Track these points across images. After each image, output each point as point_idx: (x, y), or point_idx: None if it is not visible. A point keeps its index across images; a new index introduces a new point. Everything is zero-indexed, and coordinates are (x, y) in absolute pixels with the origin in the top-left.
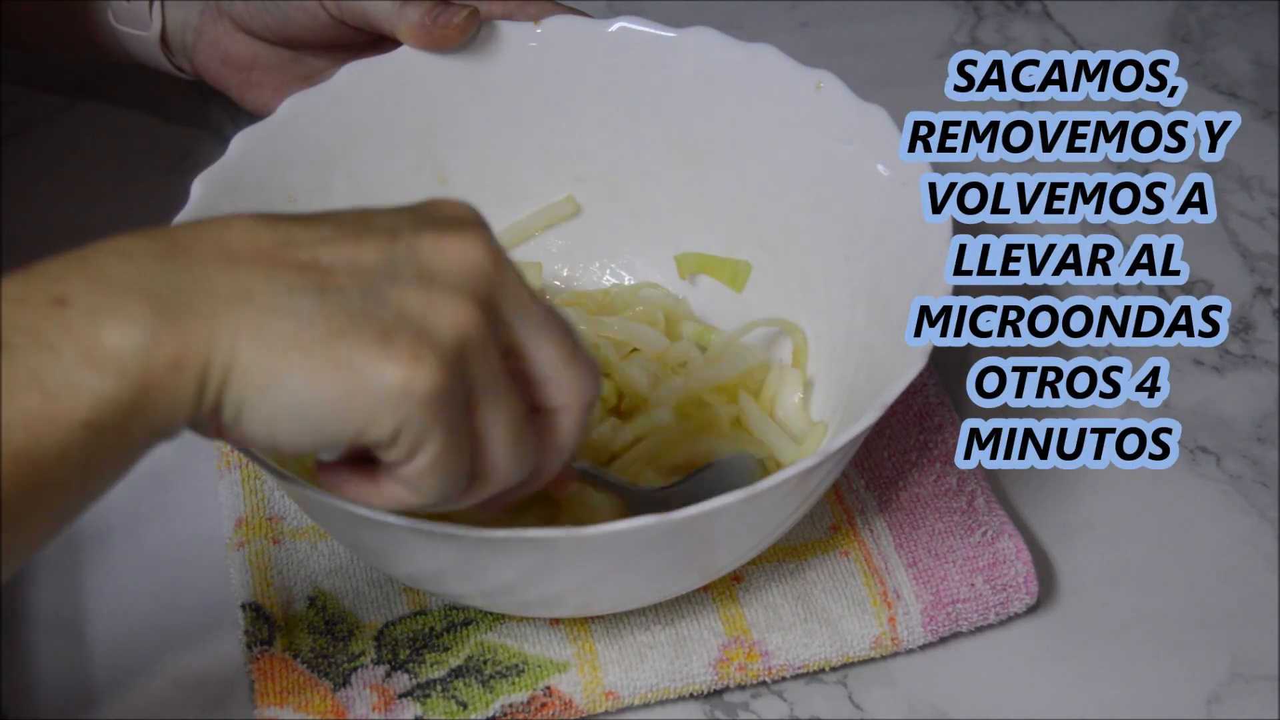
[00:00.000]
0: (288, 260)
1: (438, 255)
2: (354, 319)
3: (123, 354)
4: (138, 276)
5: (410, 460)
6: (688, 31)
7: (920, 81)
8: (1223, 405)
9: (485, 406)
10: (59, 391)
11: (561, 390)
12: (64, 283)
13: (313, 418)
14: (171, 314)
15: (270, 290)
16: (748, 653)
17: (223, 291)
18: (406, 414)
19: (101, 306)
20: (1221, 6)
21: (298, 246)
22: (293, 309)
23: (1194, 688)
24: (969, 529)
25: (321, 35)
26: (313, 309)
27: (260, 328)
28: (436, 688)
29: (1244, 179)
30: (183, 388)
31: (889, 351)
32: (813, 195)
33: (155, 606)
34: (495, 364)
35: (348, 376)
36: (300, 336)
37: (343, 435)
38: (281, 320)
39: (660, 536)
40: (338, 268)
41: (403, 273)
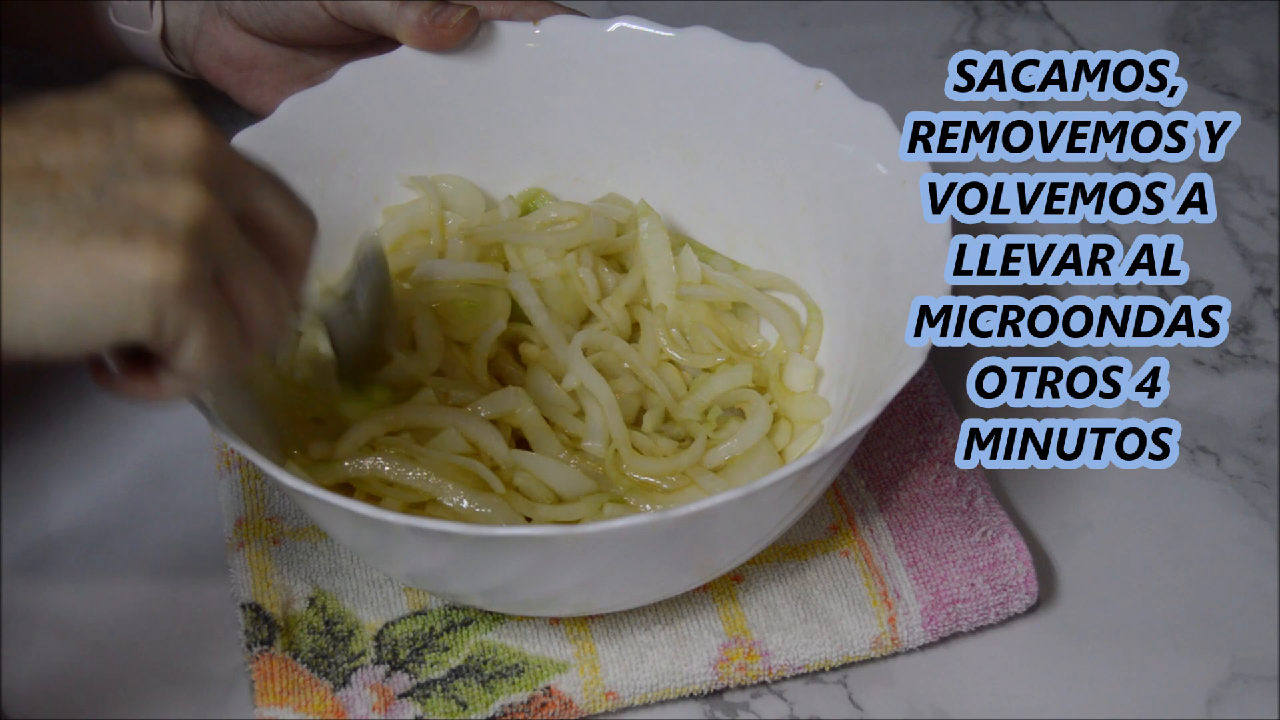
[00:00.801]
0: (12, 169)
1: (157, 141)
2: (93, 220)
3: None
4: None
5: (179, 347)
6: (687, 31)
7: (920, 81)
8: (1223, 405)
9: (237, 277)
10: None
11: (293, 236)
12: None
13: (71, 321)
14: None
15: (4, 204)
16: (748, 653)
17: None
18: (163, 305)
19: None
20: (1221, 6)
21: (17, 151)
22: (31, 218)
23: (1194, 688)
24: (969, 529)
25: (321, 35)
26: (50, 215)
27: (2, 242)
28: (436, 688)
29: (1244, 179)
30: None
31: (889, 351)
32: (812, 195)
33: (155, 606)
34: (234, 235)
35: (99, 276)
36: (45, 244)
37: (104, 334)
38: (23, 231)
39: (659, 535)
40: (63, 170)
41: (128, 165)
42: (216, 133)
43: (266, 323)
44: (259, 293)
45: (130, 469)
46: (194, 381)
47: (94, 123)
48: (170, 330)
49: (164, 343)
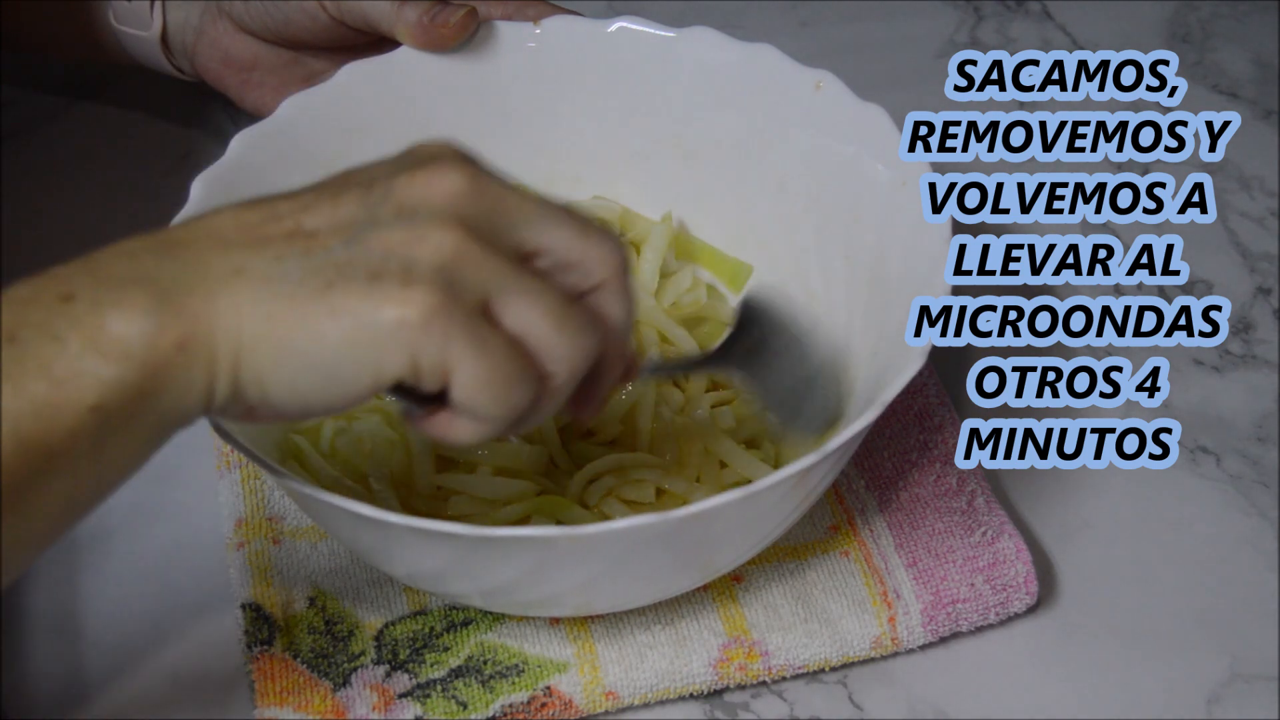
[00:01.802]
0: (273, 233)
1: (412, 192)
2: (341, 269)
3: (127, 340)
4: (138, 270)
5: (454, 385)
6: (687, 31)
7: (920, 81)
8: (1223, 405)
9: (509, 303)
10: (66, 378)
11: (590, 269)
12: (70, 282)
13: (328, 372)
14: (172, 300)
15: (259, 262)
16: (748, 653)
17: (216, 272)
18: (413, 342)
19: (105, 299)
20: (1221, 6)
21: (281, 218)
22: (283, 274)
23: (1194, 688)
24: (969, 529)
25: (321, 36)
26: (302, 270)
27: (256, 298)
28: (436, 688)
29: (1244, 179)
30: (191, 369)
31: (889, 351)
32: (813, 195)
33: (155, 606)
34: (500, 265)
35: (345, 321)
36: (295, 298)
37: (361, 380)
38: (275, 287)
39: (660, 535)
40: (320, 229)
41: (381, 217)
42: (481, 174)
43: (561, 355)
44: (544, 319)
45: None
46: (486, 422)
47: (358, 184)
48: (428, 366)
49: (429, 381)
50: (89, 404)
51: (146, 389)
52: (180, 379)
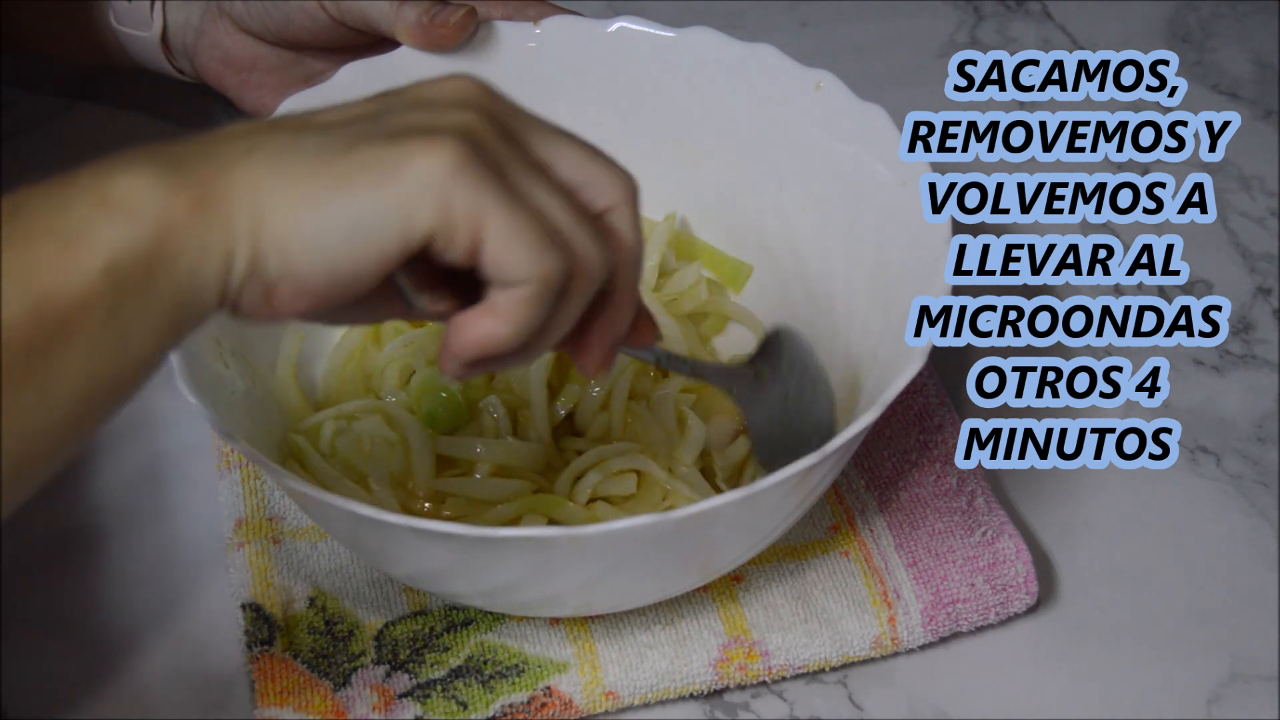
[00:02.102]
0: (287, 122)
1: (428, 90)
2: (362, 133)
3: (133, 200)
4: (143, 152)
5: (487, 240)
6: (687, 31)
7: (920, 81)
8: (1223, 405)
9: (526, 183)
10: (74, 238)
11: (601, 189)
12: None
13: (360, 228)
14: (181, 169)
15: (273, 141)
16: (748, 653)
17: (228, 152)
18: (444, 189)
19: (110, 168)
20: (1221, 6)
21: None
22: (299, 146)
23: (1194, 688)
24: (969, 529)
25: (321, 36)
26: (317, 143)
27: (271, 168)
28: (436, 688)
29: (1244, 179)
30: (207, 233)
31: (889, 351)
32: (813, 195)
33: (155, 606)
34: (515, 149)
35: (372, 172)
36: (316, 160)
37: (392, 234)
38: (291, 156)
39: (660, 536)
40: (334, 115)
41: (396, 107)
42: (497, 91)
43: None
44: (561, 206)
45: (130, 469)
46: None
47: (371, 97)
48: (462, 215)
49: (461, 240)
50: (100, 265)
51: (160, 252)
52: (195, 243)
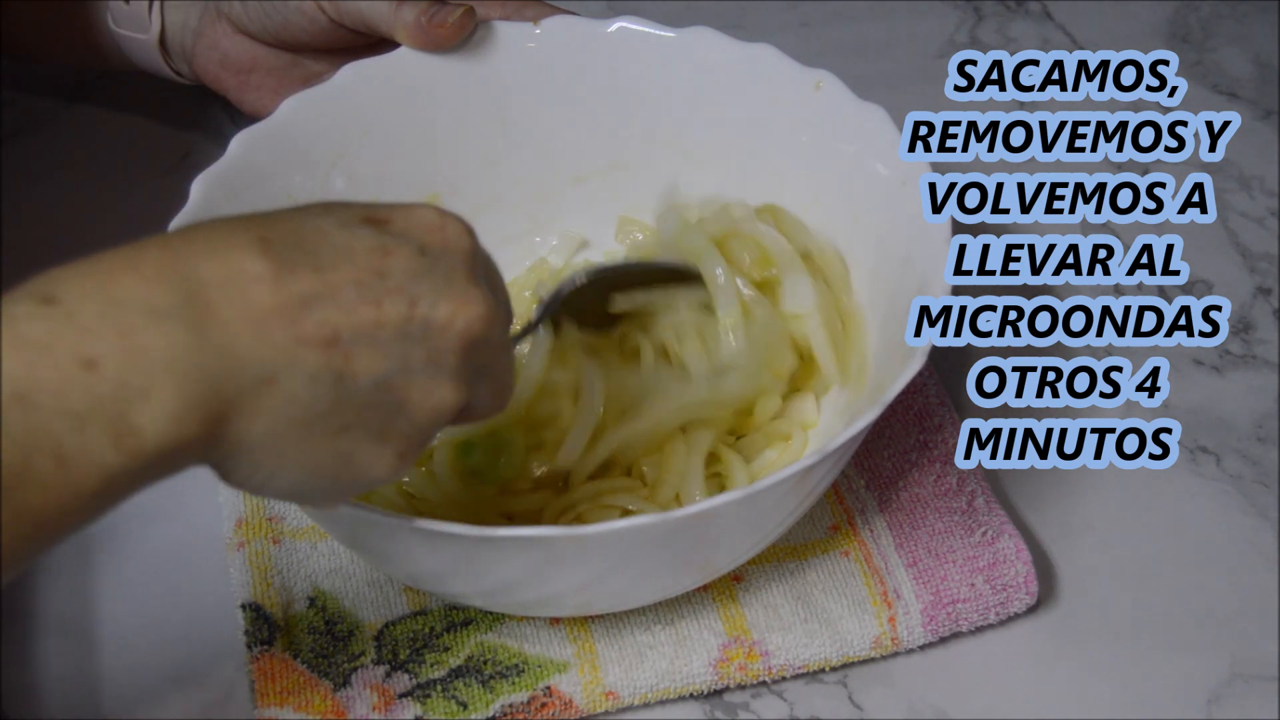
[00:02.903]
0: (310, 335)
1: (448, 333)
2: (360, 413)
3: (146, 439)
4: (169, 349)
5: None
6: (687, 31)
7: (920, 81)
8: (1223, 405)
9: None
10: (74, 459)
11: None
12: (93, 337)
13: (301, 489)
14: (199, 401)
15: (293, 376)
16: (748, 653)
17: (249, 373)
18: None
19: (132, 381)
20: (1221, 6)
21: (317, 308)
22: (310, 401)
23: (1194, 688)
24: (969, 529)
25: (320, 38)
26: (327, 403)
27: (275, 413)
28: (436, 688)
29: (1244, 179)
30: (190, 457)
31: (888, 351)
32: (813, 195)
33: (156, 606)
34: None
35: (342, 468)
36: (311, 430)
37: (322, 504)
38: (299, 411)
39: (660, 535)
40: (357, 349)
41: (413, 360)
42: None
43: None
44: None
45: None
46: None
47: (398, 290)
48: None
49: None
50: (93, 489)
51: (151, 473)
52: (180, 465)
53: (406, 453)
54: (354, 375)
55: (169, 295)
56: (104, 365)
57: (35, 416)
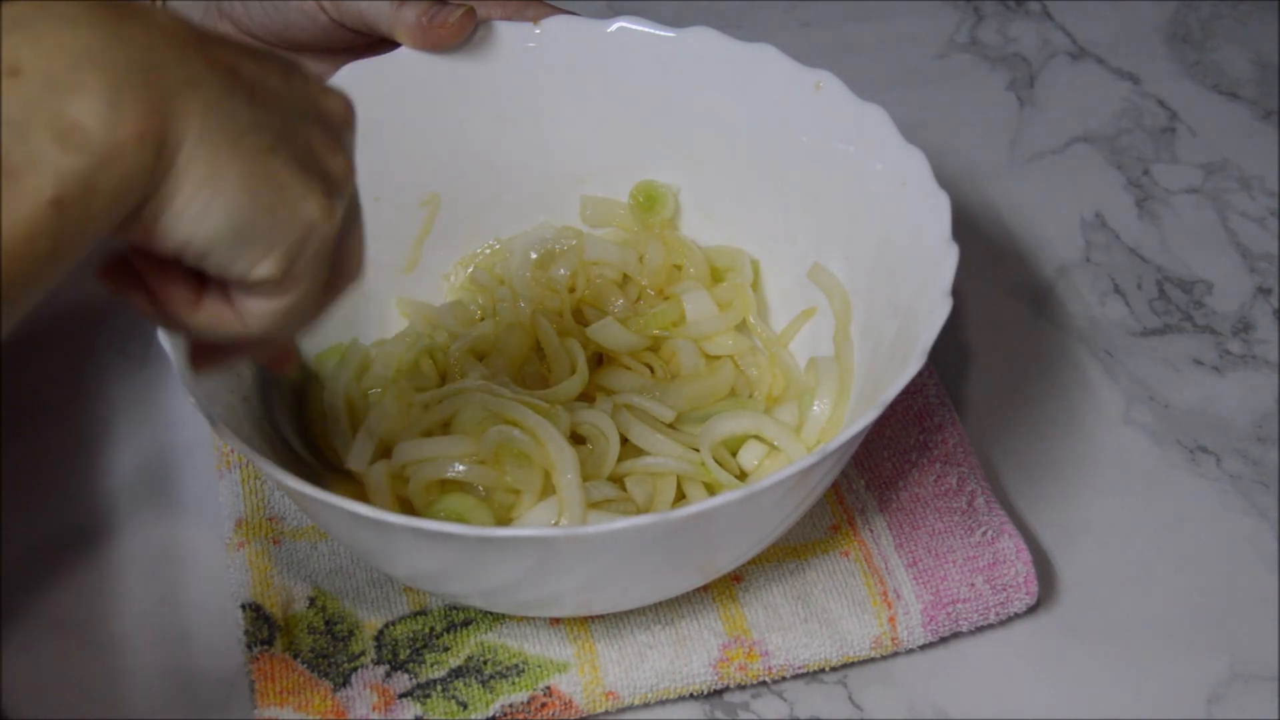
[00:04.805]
0: (219, 60)
1: (324, 102)
2: (281, 139)
3: (88, 128)
4: (89, 45)
5: (274, 294)
6: (688, 31)
7: (921, 81)
8: (1223, 405)
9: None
10: (23, 169)
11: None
12: (10, 46)
13: (238, 223)
14: (132, 87)
15: (212, 84)
16: (748, 653)
17: (174, 74)
18: (306, 246)
19: (60, 78)
20: (1221, 6)
21: (219, 46)
22: (232, 112)
23: (1194, 688)
24: (969, 529)
25: (321, 37)
26: (248, 119)
27: (205, 120)
28: (436, 688)
29: (1244, 179)
30: (142, 162)
31: (888, 351)
32: (812, 195)
33: (155, 606)
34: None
35: (277, 192)
36: (241, 141)
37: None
38: (225, 119)
39: (660, 535)
40: (257, 83)
41: (304, 109)
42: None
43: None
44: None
45: (130, 468)
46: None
47: (275, 60)
48: (290, 273)
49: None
50: (48, 197)
51: (100, 177)
52: (131, 168)
53: (331, 198)
54: (262, 101)
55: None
56: (27, 69)
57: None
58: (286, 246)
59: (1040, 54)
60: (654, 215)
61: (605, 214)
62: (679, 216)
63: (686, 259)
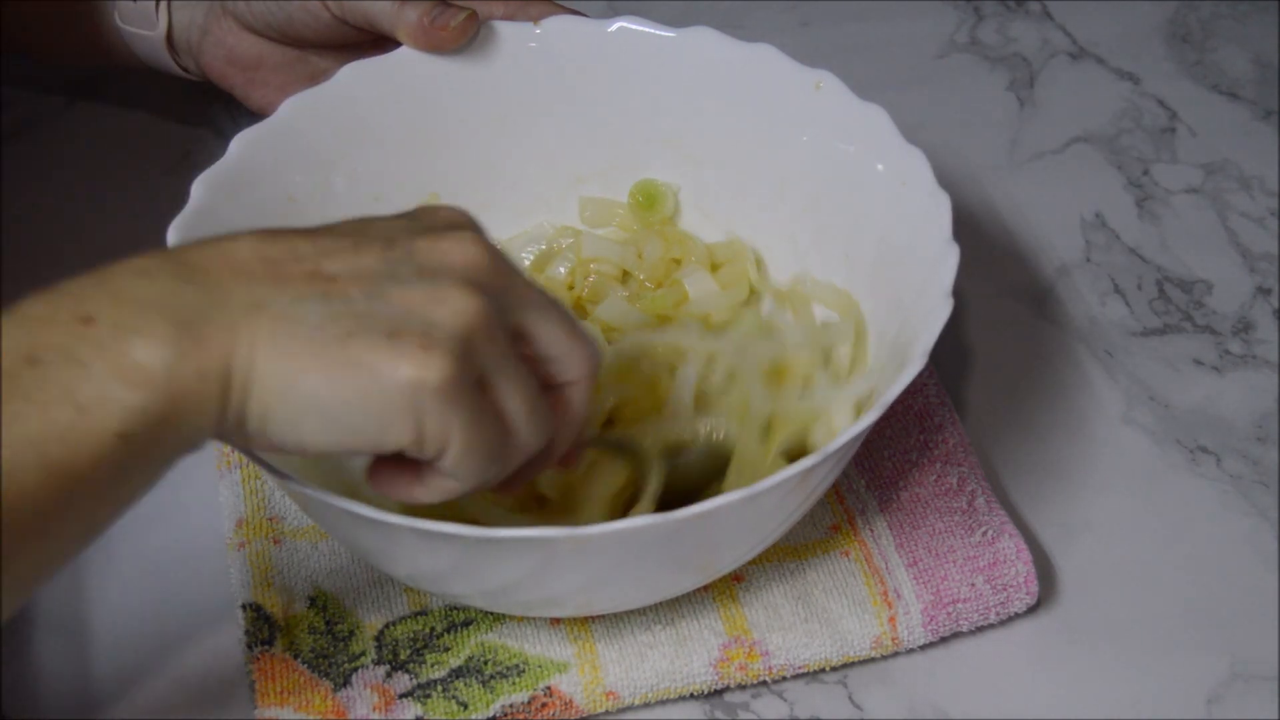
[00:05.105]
0: (294, 273)
1: (435, 255)
2: (361, 320)
3: (151, 368)
4: (159, 295)
5: (444, 452)
6: (688, 31)
7: (920, 81)
8: (1223, 405)
9: (500, 384)
10: (91, 405)
11: (568, 365)
12: (89, 301)
13: (334, 418)
14: (193, 328)
15: (280, 299)
16: (748, 653)
17: (237, 304)
18: (423, 407)
19: (127, 323)
20: (1221, 6)
21: (301, 259)
22: (302, 316)
23: (1194, 688)
24: (969, 529)
25: (325, 35)
26: (321, 315)
27: (274, 334)
28: (437, 688)
29: (1244, 179)
30: (208, 397)
31: (889, 351)
32: (812, 195)
33: (156, 606)
34: (503, 344)
35: (362, 375)
36: (312, 341)
37: (366, 433)
38: (293, 326)
39: (660, 536)
40: (340, 275)
41: (402, 273)
42: (499, 252)
43: (525, 439)
44: (523, 405)
45: None
46: (457, 485)
47: (380, 237)
48: (432, 435)
49: (431, 449)
50: (114, 430)
51: (168, 415)
52: (198, 404)
53: (430, 345)
54: (342, 293)
55: (159, 261)
56: (100, 318)
57: (44, 371)
58: (400, 417)
59: (1040, 54)
60: (654, 213)
61: (604, 214)
62: (679, 215)
63: (687, 251)
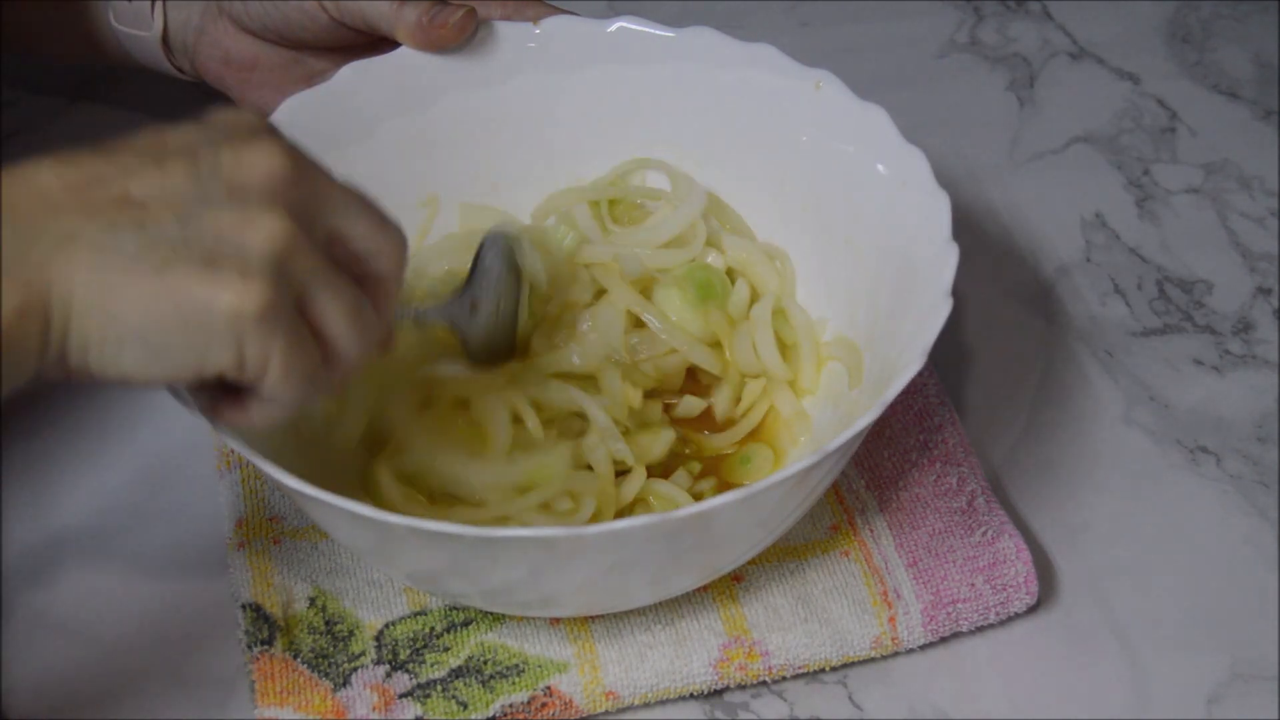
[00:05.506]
0: (100, 199)
1: (240, 169)
2: (177, 249)
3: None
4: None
5: (264, 375)
6: (687, 31)
7: (921, 81)
8: (1223, 405)
9: (318, 300)
10: None
11: (381, 257)
12: None
13: (154, 347)
14: (9, 270)
15: (92, 229)
16: (748, 653)
17: (49, 238)
18: (243, 333)
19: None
20: (1221, 6)
21: (106, 183)
22: (117, 246)
23: (1194, 688)
24: (969, 529)
25: (322, 36)
26: (136, 244)
27: (90, 266)
28: (437, 688)
29: (1244, 179)
30: (29, 334)
31: (888, 351)
32: (813, 195)
33: (155, 606)
34: (317, 259)
35: (182, 303)
36: (130, 271)
37: (187, 363)
38: (109, 257)
39: (660, 535)
40: (150, 200)
41: (212, 193)
42: (300, 156)
43: (352, 346)
44: (343, 317)
45: (131, 469)
46: (279, 407)
47: (181, 153)
48: (252, 359)
49: (251, 372)
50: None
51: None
52: (20, 342)
53: (248, 273)
54: (155, 219)
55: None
56: None
57: None
58: (220, 343)
59: (1040, 54)
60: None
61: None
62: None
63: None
